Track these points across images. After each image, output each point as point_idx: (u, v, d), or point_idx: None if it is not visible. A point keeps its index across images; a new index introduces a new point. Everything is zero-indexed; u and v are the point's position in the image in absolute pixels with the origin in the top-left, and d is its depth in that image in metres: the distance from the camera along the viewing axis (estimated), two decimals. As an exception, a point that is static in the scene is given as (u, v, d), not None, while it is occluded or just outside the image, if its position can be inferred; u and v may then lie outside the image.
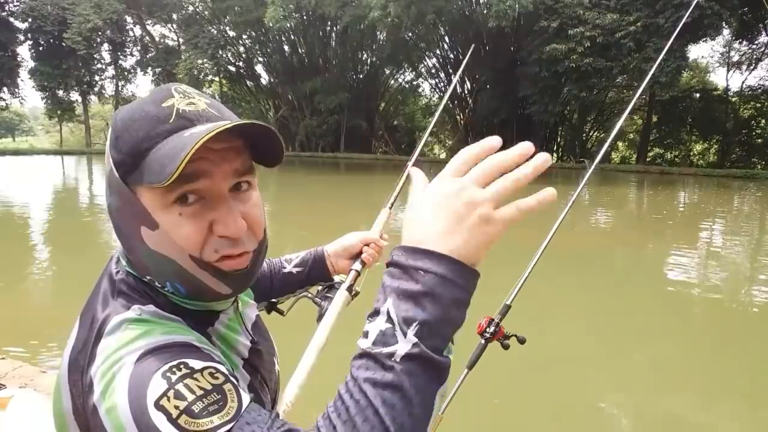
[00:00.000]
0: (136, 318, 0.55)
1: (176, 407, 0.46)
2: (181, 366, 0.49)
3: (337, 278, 1.07)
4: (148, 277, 0.60)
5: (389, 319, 0.45)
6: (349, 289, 0.97)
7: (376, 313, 0.47)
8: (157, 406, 0.46)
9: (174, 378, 0.48)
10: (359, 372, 0.45)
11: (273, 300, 1.03)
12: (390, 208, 1.20)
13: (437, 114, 1.57)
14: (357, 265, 1.03)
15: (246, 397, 0.50)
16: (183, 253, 0.57)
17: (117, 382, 0.49)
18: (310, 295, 1.05)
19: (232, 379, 0.52)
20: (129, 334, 0.53)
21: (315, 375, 0.84)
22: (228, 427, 0.46)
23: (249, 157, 0.61)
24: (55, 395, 0.57)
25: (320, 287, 1.07)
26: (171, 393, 0.47)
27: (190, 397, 0.47)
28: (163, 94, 0.59)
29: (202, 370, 0.50)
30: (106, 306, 0.57)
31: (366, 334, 0.46)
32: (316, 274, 1.06)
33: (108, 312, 0.56)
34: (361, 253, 1.05)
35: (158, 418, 0.45)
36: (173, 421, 0.45)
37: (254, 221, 0.62)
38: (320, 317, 0.95)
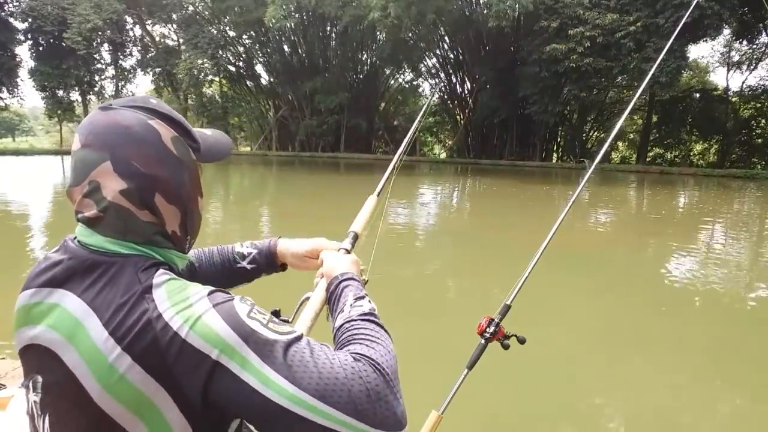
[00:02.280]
0: (171, 277, 0.68)
1: (263, 317, 0.66)
2: (244, 298, 0.68)
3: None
4: (189, 237, 0.78)
5: (370, 301, 0.84)
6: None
7: (362, 298, 0.83)
8: (250, 317, 0.64)
9: (248, 303, 0.67)
10: (371, 318, 0.78)
11: (276, 309, 1.04)
12: (378, 196, 1.27)
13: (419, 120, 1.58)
14: (346, 243, 1.12)
15: None
16: (202, 210, 0.81)
17: (200, 311, 0.63)
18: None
19: None
20: (178, 284, 0.67)
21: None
22: (298, 333, 0.66)
23: None
24: (108, 379, 0.63)
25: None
26: (255, 310, 0.67)
27: (267, 314, 0.68)
28: (164, 103, 0.76)
29: (252, 301, 0.69)
30: (130, 283, 0.66)
31: (361, 306, 0.81)
32: (267, 265, 1.12)
33: (137, 285, 0.66)
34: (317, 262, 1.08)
35: (254, 324, 0.64)
36: (265, 325, 0.65)
37: None
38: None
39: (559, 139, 33.49)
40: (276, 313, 1.02)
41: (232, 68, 36.19)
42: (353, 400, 0.61)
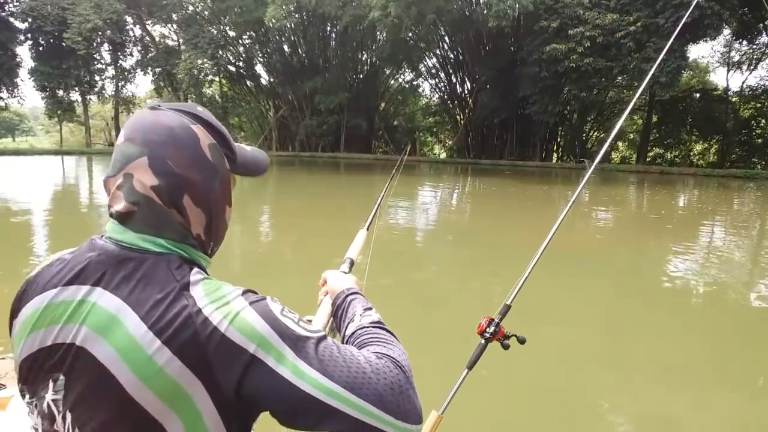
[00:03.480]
0: (205, 276, 0.72)
1: (293, 316, 0.71)
2: (275, 298, 0.72)
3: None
4: (212, 242, 0.80)
5: (377, 312, 0.87)
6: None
7: (370, 309, 0.87)
8: (283, 315, 0.69)
9: (279, 302, 0.71)
10: (382, 326, 0.82)
11: None
12: (367, 230, 1.33)
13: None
14: (344, 267, 1.20)
15: None
16: (230, 221, 0.84)
17: (238, 307, 0.67)
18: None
19: None
20: (213, 283, 0.70)
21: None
22: (324, 332, 0.71)
23: None
24: (145, 371, 0.64)
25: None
26: (286, 309, 0.71)
27: (296, 315, 0.72)
28: (209, 112, 0.80)
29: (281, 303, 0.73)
30: (166, 280, 0.68)
31: (371, 315, 0.85)
32: None
33: (173, 282, 0.68)
34: None
35: (288, 321, 0.68)
36: (297, 324, 0.69)
37: None
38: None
39: (559, 139, 33.48)
40: None
41: (232, 68, 36.18)
42: (380, 392, 0.65)
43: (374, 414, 0.65)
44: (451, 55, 34.08)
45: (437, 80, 36.24)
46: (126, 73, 36.47)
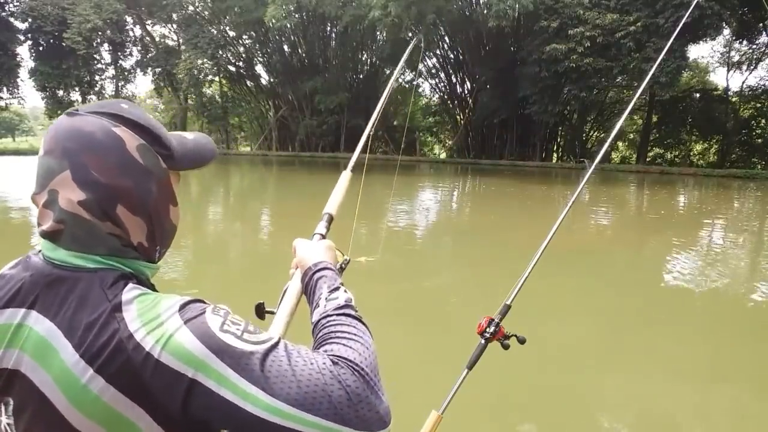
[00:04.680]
0: (140, 292, 0.66)
1: (237, 329, 0.64)
2: (218, 307, 0.67)
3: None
4: (158, 247, 0.74)
5: (346, 291, 0.82)
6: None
7: (337, 289, 0.81)
8: (223, 330, 0.63)
9: (221, 314, 0.65)
10: (347, 311, 0.77)
11: (260, 302, 1.01)
12: (351, 171, 1.26)
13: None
14: (321, 227, 1.11)
15: None
16: (179, 220, 0.78)
17: (171, 329, 0.62)
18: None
19: None
20: (148, 300, 0.65)
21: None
22: (275, 339, 0.65)
23: None
24: (81, 400, 0.62)
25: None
26: (228, 322, 0.64)
27: (241, 323, 0.66)
28: (140, 107, 0.75)
29: (228, 309, 0.68)
30: (97, 301, 0.64)
31: (337, 298, 0.79)
32: None
33: (105, 302, 0.64)
34: None
35: (228, 338, 0.62)
36: (239, 337, 0.63)
37: None
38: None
39: (559, 139, 33.46)
40: (260, 306, 1.00)
41: (232, 68, 36.16)
42: (334, 405, 0.61)
43: (331, 429, 0.61)
44: (451, 55, 34.07)
45: (437, 80, 36.24)
46: (126, 73, 36.49)
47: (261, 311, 1.00)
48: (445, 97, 36.64)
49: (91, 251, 0.67)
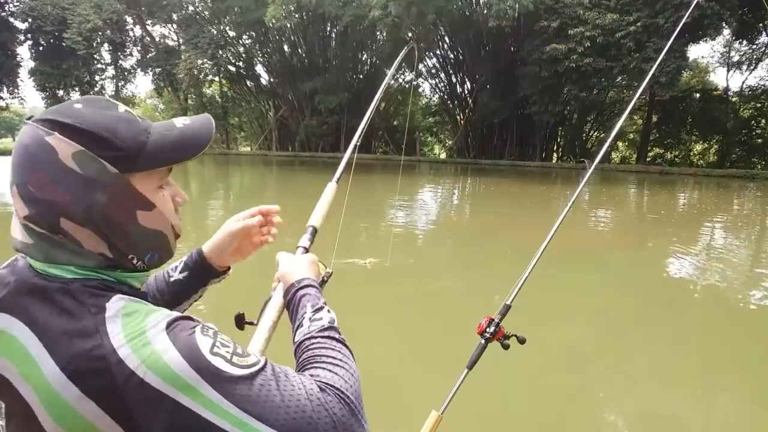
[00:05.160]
0: (125, 304, 0.64)
1: (227, 352, 0.62)
2: (207, 327, 0.65)
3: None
4: (131, 256, 0.69)
5: (329, 311, 0.81)
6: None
7: (320, 309, 0.80)
8: (213, 353, 0.61)
9: (211, 334, 0.63)
10: (331, 333, 0.76)
11: (240, 314, 1.00)
12: (337, 182, 1.22)
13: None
14: (304, 240, 1.06)
15: None
16: (168, 224, 0.72)
17: (158, 347, 0.59)
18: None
19: None
20: (134, 315, 0.62)
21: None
22: (263, 362, 0.64)
23: None
24: (49, 402, 0.61)
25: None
26: (218, 343, 0.62)
27: (230, 345, 0.64)
28: (107, 102, 0.69)
29: (216, 329, 0.66)
30: (79, 311, 0.62)
31: (320, 319, 0.78)
32: (204, 273, 1.01)
33: (87, 313, 0.62)
34: (251, 235, 1.01)
35: (217, 361, 0.60)
36: (229, 361, 0.61)
37: None
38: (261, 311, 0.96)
39: (559, 139, 33.48)
40: (240, 317, 0.98)
41: (232, 68, 36.18)
42: None
43: None
44: (451, 55, 34.08)
45: (437, 80, 36.25)
46: (126, 73, 36.54)
47: (241, 322, 0.98)
48: (445, 97, 36.66)
49: (66, 262, 0.65)
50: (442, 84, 36.17)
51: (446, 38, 32.54)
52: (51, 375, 0.60)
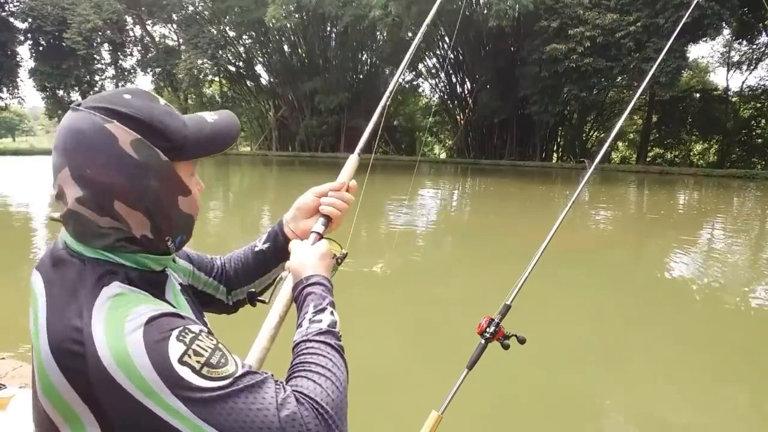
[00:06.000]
0: (118, 293, 0.65)
1: (198, 361, 0.61)
2: (187, 330, 0.63)
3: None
4: (167, 238, 0.74)
5: (332, 313, 0.79)
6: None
7: (323, 310, 0.79)
8: (181, 362, 0.60)
9: (187, 340, 0.62)
10: (327, 339, 0.74)
11: (252, 291, 1.01)
12: (358, 155, 1.16)
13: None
14: (318, 226, 0.98)
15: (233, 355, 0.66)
16: (197, 209, 0.78)
17: (131, 348, 0.59)
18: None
19: (215, 336, 0.68)
20: (122, 307, 0.63)
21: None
22: (240, 372, 0.63)
23: None
24: (40, 374, 0.64)
25: None
26: (190, 351, 0.61)
27: (205, 353, 0.62)
28: (150, 94, 0.73)
29: (199, 333, 0.64)
30: (80, 290, 0.65)
31: (320, 321, 0.77)
32: (283, 245, 1.01)
33: (85, 293, 0.64)
34: (317, 208, 1.00)
35: (184, 371, 0.60)
36: (197, 372, 0.60)
37: None
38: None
39: (559, 139, 33.45)
40: (253, 294, 0.99)
41: (232, 68, 36.16)
42: None
43: None
44: (451, 55, 34.05)
45: (437, 80, 36.23)
46: (126, 73, 36.48)
47: (253, 298, 0.99)
48: (445, 97, 36.63)
49: (90, 244, 0.69)
50: (442, 84, 36.16)
51: (446, 38, 32.51)
52: (43, 346, 0.63)
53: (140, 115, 0.68)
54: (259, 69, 37.70)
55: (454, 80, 35.16)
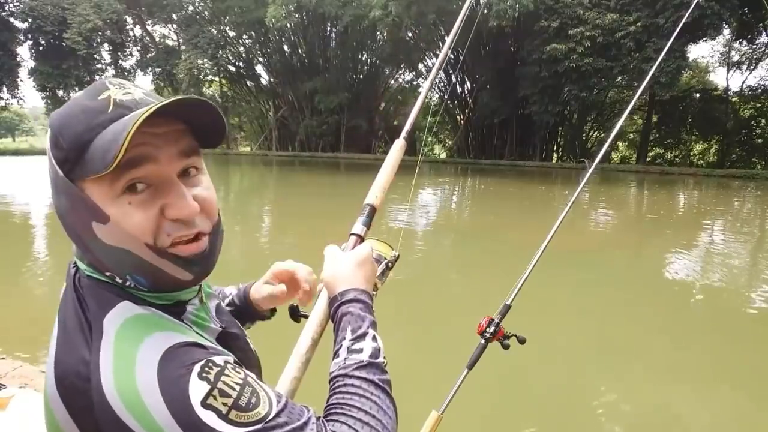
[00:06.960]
0: (129, 317, 0.55)
1: (225, 404, 0.50)
2: (210, 364, 0.52)
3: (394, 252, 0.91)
4: (108, 274, 0.58)
5: (374, 339, 0.68)
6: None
7: (362, 336, 0.67)
8: (205, 405, 0.49)
9: (211, 377, 0.51)
10: (369, 375, 0.63)
11: (294, 305, 0.91)
12: (405, 139, 1.04)
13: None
14: (358, 226, 0.86)
15: (267, 385, 0.57)
16: (138, 242, 0.56)
17: (142, 387, 0.50)
18: None
19: (243, 368, 0.56)
20: (131, 336, 0.53)
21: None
22: (274, 411, 0.53)
23: (193, 139, 0.60)
24: (47, 413, 0.57)
25: None
26: (215, 391, 0.50)
27: (233, 393, 0.51)
28: (98, 87, 0.58)
29: (225, 366, 0.53)
30: (83, 314, 0.56)
31: (360, 351, 0.66)
32: (247, 314, 0.92)
33: (93, 318, 0.55)
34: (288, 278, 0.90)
35: (208, 416, 0.49)
36: (224, 417, 0.50)
37: (207, 202, 0.61)
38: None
39: (559, 139, 33.46)
40: (295, 308, 0.90)
41: (232, 68, 36.18)
42: None
43: None
44: (451, 55, 34.03)
45: (437, 80, 36.19)
46: (126, 73, 36.48)
47: (295, 313, 0.90)
48: (445, 97, 36.63)
49: (80, 257, 0.62)
50: (442, 84, 36.13)
51: (446, 38, 32.48)
52: (50, 380, 0.56)
53: (52, 118, 0.56)
54: (259, 69, 37.78)
55: (454, 80, 35.17)
